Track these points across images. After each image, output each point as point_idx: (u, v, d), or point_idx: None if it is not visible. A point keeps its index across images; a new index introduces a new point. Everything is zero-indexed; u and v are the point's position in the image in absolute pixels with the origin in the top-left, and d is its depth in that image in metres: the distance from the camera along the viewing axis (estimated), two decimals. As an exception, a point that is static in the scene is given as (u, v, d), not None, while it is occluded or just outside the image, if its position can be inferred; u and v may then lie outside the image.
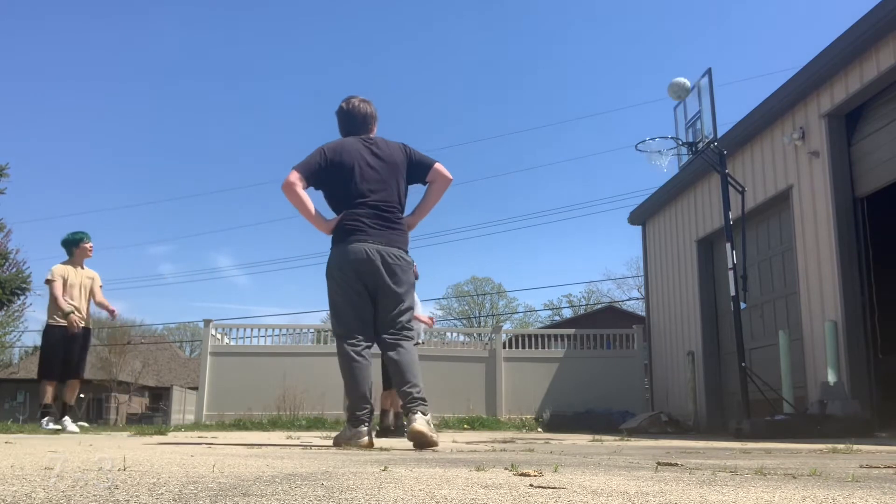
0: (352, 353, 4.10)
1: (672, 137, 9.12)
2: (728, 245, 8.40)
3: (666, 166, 9.24)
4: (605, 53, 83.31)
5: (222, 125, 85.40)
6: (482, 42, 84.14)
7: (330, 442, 5.39)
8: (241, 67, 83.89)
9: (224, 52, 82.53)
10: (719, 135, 8.54)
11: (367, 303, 4.19)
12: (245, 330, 13.40)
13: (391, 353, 4.16)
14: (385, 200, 4.23)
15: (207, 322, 12.87)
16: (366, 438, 4.12)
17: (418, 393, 4.07)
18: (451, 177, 4.44)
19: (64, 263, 7.66)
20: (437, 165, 4.38)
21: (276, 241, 79.91)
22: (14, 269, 14.36)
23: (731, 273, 8.29)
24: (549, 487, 1.86)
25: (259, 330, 13.48)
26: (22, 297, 14.70)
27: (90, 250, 7.77)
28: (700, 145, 8.71)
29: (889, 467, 2.71)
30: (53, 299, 7.38)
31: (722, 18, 77.57)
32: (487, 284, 59.56)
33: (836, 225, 8.26)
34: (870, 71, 7.70)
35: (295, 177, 4.21)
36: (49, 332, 7.32)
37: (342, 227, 4.26)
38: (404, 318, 4.24)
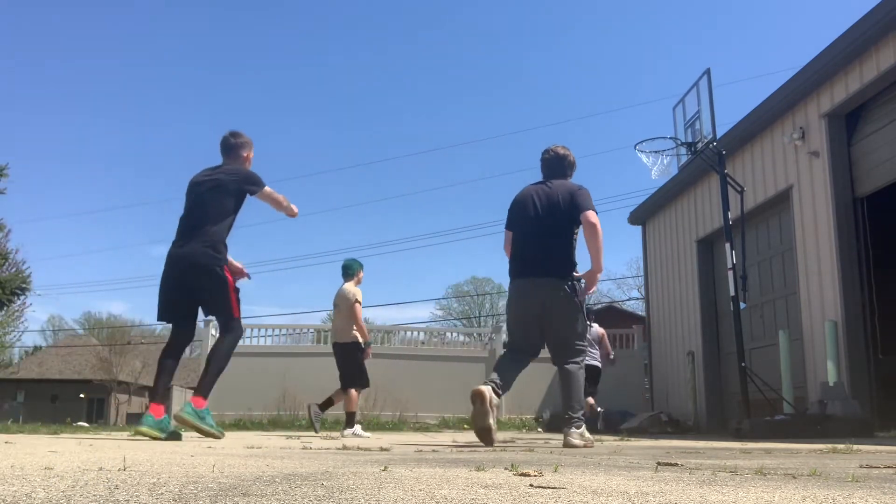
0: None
1: (671, 138, 9.12)
2: (728, 245, 8.40)
3: (658, 173, 9.23)
4: (604, 53, 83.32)
5: (223, 125, 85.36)
6: (483, 42, 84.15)
7: (330, 442, 5.40)
8: (240, 68, 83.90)
9: (224, 52, 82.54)
10: (718, 135, 8.54)
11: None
12: (245, 330, 13.39)
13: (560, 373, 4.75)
14: (539, 237, 4.67)
15: (207, 322, 12.85)
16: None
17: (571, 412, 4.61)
18: (592, 222, 4.66)
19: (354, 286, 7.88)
20: (584, 213, 4.66)
21: (276, 241, 79.92)
22: (14, 269, 14.36)
23: (730, 273, 8.29)
24: (549, 487, 1.86)
25: (259, 330, 13.47)
26: (22, 297, 14.70)
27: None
28: (699, 145, 8.71)
29: (889, 467, 2.71)
30: (358, 320, 7.78)
31: (721, 18, 77.59)
32: (487, 284, 59.57)
33: (836, 225, 8.26)
34: (870, 71, 7.70)
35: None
36: (356, 347, 7.68)
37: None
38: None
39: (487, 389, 4.47)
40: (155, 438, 4.54)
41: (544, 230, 4.67)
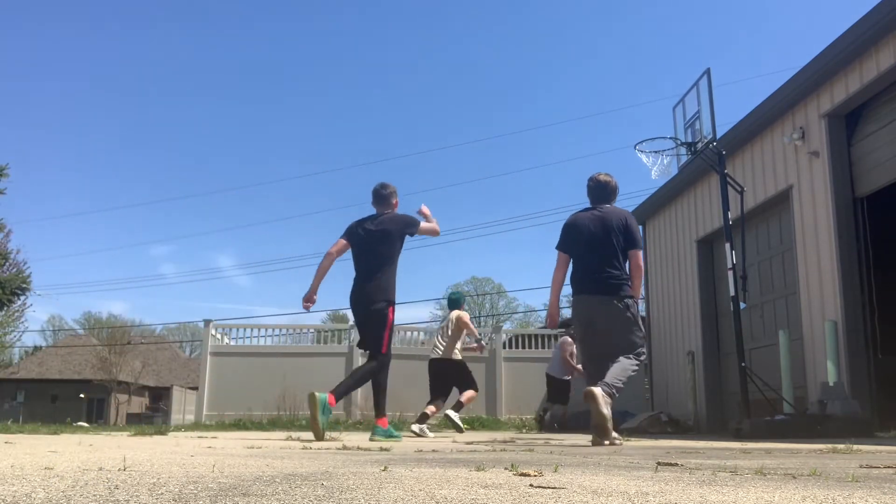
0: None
1: (671, 138, 9.11)
2: (728, 245, 8.39)
3: (658, 173, 9.23)
4: (604, 54, 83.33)
5: (223, 125, 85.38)
6: (483, 42, 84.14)
7: (329, 443, 5.40)
8: (240, 67, 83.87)
9: (223, 52, 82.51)
10: (718, 135, 8.53)
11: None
12: (245, 330, 13.39)
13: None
14: (597, 260, 5.27)
15: (207, 322, 12.86)
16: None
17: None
18: (640, 264, 5.41)
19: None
20: (635, 253, 5.38)
21: (276, 241, 79.93)
22: (14, 270, 14.35)
23: (730, 273, 8.29)
24: (549, 487, 1.86)
25: (259, 330, 13.47)
26: (22, 298, 14.69)
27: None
28: (699, 145, 8.70)
29: (889, 467, 2.71)
30: (474, 331, 9.23)
31: (721, 18, 77.57)
32: (487, 284, 59.56)
33: (836, 225, 8.26)
34: (870, 71, 7.70)
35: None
36: (461, 362, 9.06)
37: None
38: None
39: (599, 391, 4.94)
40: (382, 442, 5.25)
41: (601, 254, 5.27)
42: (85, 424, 15.11)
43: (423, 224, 5.95)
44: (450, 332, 8.98)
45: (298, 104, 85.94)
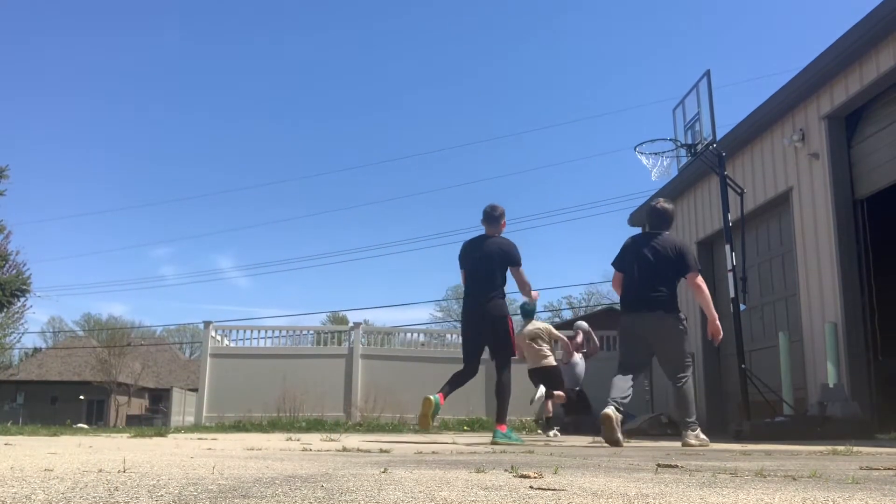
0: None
1: (671, 139, 9.11)
2: (728, 247, 8.39)
3: (658, 174, 9.23)
4: (605, 55, 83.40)
5: (224, 126, 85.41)
6: (484, 43, 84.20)
7: (329, 444, 5.40)
8: (240, 68, 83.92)
9: (223, 52, 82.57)
10: (718, 137, 8.53)
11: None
12: (245, 332, 13.37)
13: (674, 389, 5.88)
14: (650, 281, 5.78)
15: (207, 324, 12.85)
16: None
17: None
18: (698, 284, 6.12)
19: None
20: (692, 276, 6.05)
21: (277, 242, 79.96)
22: (14, 271, 14.34)
23: (730, 275, 8.29)
24: (549, 489, 1.86)
25: (259, 331, 13.45)
26: (22, 299, 14.68)
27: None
28: (699, 147, 8.70)
29: (889, 469, 2.71)
30: (563, 339, 9.86)
31: (721, 19, 77.64)
32: (487, 285, 59.37)
33: (836, 227, 8.26)
34: (870, 73, 7.70)
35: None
36: (555, 367, 9.49)
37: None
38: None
39: (611, 411, 5.36)
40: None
41: (655, 276, 5.79)
42: (85, 426, 15.11)
43: (522, 270, 6.42)
44: (541, 343, 9.49)
45: (298, 105, 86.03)
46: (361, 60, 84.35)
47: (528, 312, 9.77)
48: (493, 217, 6.34)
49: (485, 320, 6.26)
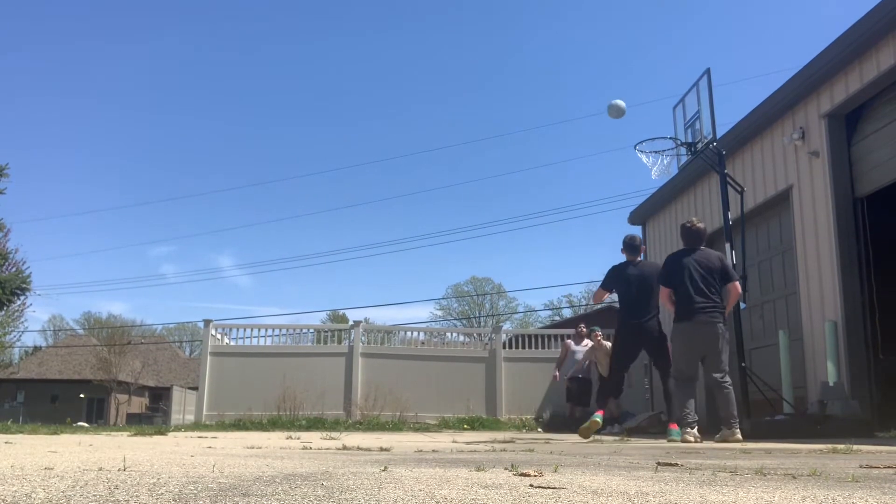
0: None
1: (671, 138, 9.11)
2: (728, 245, 8.39)
3: (658, 173, 9.23)
4: (605, 54, 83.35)
5: (224, 125, 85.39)
6: (483, 43, 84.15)
7: (329, 443, 5.40)
8: (240, 68, 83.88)
9: (223, 53, 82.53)
10: (718, 135, 8.53)
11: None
12: (245, 330, 13.38)
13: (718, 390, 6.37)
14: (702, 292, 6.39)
15: (207, 322, 12.85)
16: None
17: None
18: (739, 292, 6.59)
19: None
20: (734, 285, 6.49)
21: (277, 241, 79.95)
22: (14, 269, 14.33)
23: (730, 273, 8.27)
24: (549, 487, 1.86)
25: (259, 330, 13.45)
26: (22, 297, 14.66)
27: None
28: (699, 145, 8.70)
29: (889, 467, 2.71)
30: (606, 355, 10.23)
31: (721, 18, 77.59)
32: (487, 284, 59.55)
33: (836, 225, 8.25)
34: (870, 71, 7.70)
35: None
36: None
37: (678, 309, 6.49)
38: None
39: (693, 435, 6.13)
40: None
41: (705, 287, 6.34)
42: (85, 424, 15.11)
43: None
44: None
45: (299, 104, 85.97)
46: (362, 60, 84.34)
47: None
48: (634, 246, 7.23)
49: (647, 338, 7.06)
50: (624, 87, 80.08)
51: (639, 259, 7.24)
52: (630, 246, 7.23)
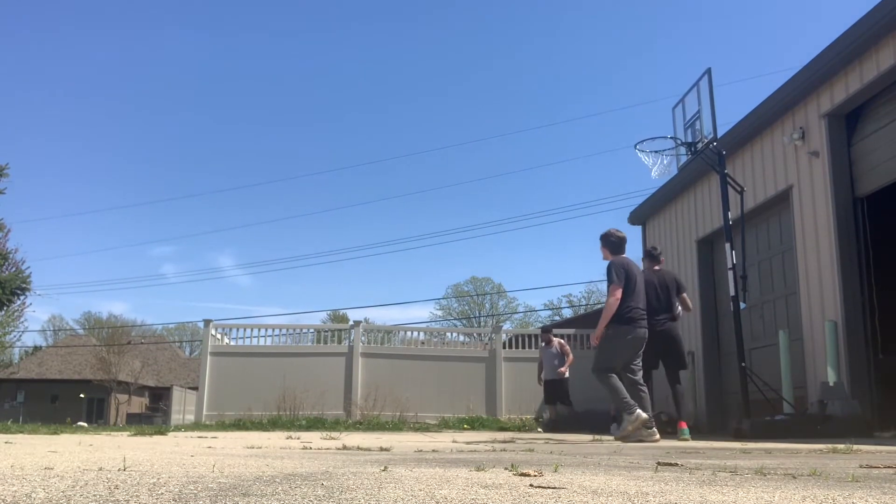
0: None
1: (671, 137, 9.11)
2: (728, 245, 8.39)
3: (658, 172, 9.23)
4: (605, 53, 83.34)
5: (223, 126, 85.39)
6: (483, 42, 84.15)
7: (329, 443, 5.40)
8: (241, 67, 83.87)
9: (225, 52, 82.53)
10: (719, 135, 8.53)
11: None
12: (245, 330, 13.37)
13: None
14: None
15: (207, 322, 12.85)
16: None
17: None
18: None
19: None
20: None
21: (277, 240, 79.94)
22: (14, 269, 14.32)
23: (730, 273, 8.29)
24: (549, 487, 1.86)
25: (259, 330, 13.44)
26: (22, 297, 14.65)
27: None
28: (699, 145, 8.69)
29: (889, 467, 2.71)
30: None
31: (722, 18, 77.58)
32: (487, 284, 59.54)
33: (836, 225, 8.25)
34: (870, 71, 7.70)
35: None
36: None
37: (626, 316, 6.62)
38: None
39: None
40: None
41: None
42: (85, 424, 15.10)
43: (687, 298, 7.87)
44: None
45: (299, 104, 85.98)
46: (362, 60, 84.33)
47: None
48: (654, 256, 7.91)
49: (668, 334, 7.51)
50: (624, 87, 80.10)
51: (662, 267, 7.95)
52: (651, 255, 7.95)
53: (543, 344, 11.88)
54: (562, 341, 12.00)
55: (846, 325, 8.00)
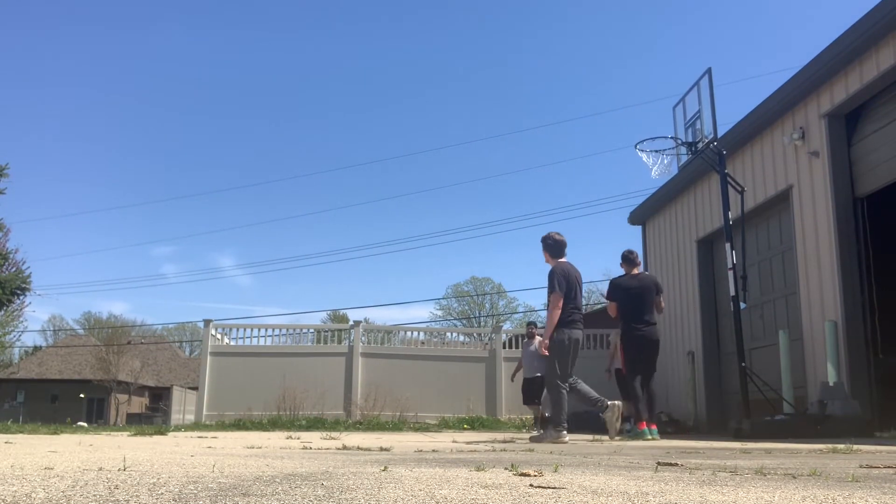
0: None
1: (671, 137, 9.11)
2: (728, 245, 8.39)
3: (658, 172, 9.23)
4: (605, 53, 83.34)
5: (225, 124, 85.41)
6: (483, 42, 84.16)
7: (329, 443, 5.40)
8: (242, 66, 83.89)
9: (225, 51, 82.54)
10: (719, 135, 8.52)
11: None
12: (245, 330, 13.38)
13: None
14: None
15: (207, 322, 12.86)
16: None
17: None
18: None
19: None
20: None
21: (277, 241, 79.93)
22: (14, 269, 14.32)
23: (730, 273, 8.29)
24: (549, 487, 1.86)
25: (259, 330, 13.45)
26: (22, 297, 14.66)
27: None
28: (700, 145, 8.70)
29: (889, 467, 2.71)
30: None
31: (721, 18, 77.59)
32: (487, 284, 59.53)
33: (836, 225, 8.26)
34: (870, 71, 7.70)
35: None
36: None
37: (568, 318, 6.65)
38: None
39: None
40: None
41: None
42: (85, 424, 15.11)
43: (661, 300, 7.97)
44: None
45: (299, 103, 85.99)
46: (362, 59, 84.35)
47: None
48: (632, 260, 7.88)
49: (647, 344, 7.64)
50: (624, 86, 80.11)
51: (642, 271, 7.90)
52: (628, 259, 7.89)
53: (526, 339, 11.30)
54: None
55: (846, 325, 8.00)
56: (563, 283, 6.53)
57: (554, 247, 6.75)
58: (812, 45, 72.80)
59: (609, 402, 6.40)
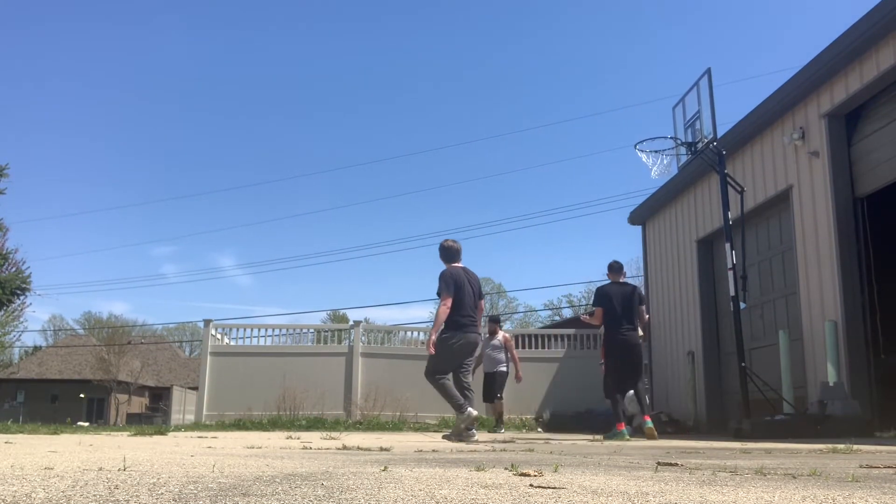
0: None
1: (671, 137, 9.11)
2: (728, 245, 8.39)
3: (658, 172, 9.24)
4: (605, 53, 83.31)
5: (225, 124, 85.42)
6: (482, 42, 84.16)
7: (329, 443, 5.40)
8: (242, 66, 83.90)
9: (226, 50, 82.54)
10: (719, 135, 8.53)
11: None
12: (245, 330, 13.37)
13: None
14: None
15: (207, 322, 12.86)
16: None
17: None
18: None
19: None
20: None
21: (277, 240, 79.90)
22: (14, 269, 14.32)
23: (730, 273, 8.29)
24: (549, 487, 1.86)
25: (259, 330, 13.45)
26: (22, 297, 14.65)
27: None
28: (699, 145, 8.70)
29: (889, 467, 2.71)
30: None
31: (721, 18, 77.57)
32: (487, 284, 59.51)
33: (836, 225, 8.26)
34: (870, 71, 7.70)
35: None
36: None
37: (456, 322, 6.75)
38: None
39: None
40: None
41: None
42: (85, 424, 15.11)
43: (644, 310, 8.16)
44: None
45: (300, 103, 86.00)
46: (361, 59, 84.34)
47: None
48: (616, 269, 8.12)
49: (636, 344, 7.83)
50: (624, 86, 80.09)
51: (624, 280, 8.20)
52: (614, 268, 8.19)
53: (488, 335, 10.88)
54: (507, 335, 11.35)
55: (846, 325, 8.00)
56: (451, 286, 6.66)
57: (445, 252, 6.95)
58: (812, 44, 72.79)
59: (468, 410, 6.42)
